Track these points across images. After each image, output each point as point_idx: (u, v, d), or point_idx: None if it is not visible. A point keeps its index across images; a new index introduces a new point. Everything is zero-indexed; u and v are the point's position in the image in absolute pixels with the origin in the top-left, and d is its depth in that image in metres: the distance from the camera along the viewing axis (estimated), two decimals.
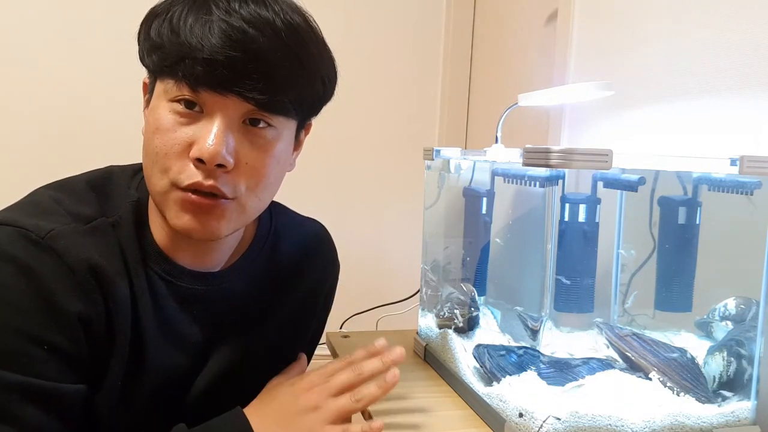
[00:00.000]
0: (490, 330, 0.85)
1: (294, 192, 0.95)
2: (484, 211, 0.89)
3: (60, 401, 0.58)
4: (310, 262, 0.82)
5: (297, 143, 0.70)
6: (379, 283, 1.86)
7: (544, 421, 0.62)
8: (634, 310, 0.82)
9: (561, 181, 0.67)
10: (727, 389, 0.69)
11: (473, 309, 0.87)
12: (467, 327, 0.87)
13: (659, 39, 0.99)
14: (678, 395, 0.67)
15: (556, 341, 0.68)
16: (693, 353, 0.70)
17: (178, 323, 0.68)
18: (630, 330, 0.75)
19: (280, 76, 0.59)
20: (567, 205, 0.70)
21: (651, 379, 0.68)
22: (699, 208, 0.75)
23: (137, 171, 0.71)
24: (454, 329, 0.87)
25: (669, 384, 0.68)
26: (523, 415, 0.64)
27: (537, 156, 0.61)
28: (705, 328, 0.76)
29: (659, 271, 0.78)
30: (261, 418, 0.65)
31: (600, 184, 0.74)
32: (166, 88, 0.60)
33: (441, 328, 0.91)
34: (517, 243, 0.78)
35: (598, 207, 0.72)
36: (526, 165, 0.63)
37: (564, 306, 0.70)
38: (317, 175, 1.88)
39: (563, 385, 0.65)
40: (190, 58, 0.57)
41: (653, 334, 0.75)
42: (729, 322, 0.73)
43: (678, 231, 0.76)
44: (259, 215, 0.71)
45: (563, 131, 1.27)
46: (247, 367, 0.74)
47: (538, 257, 0.67)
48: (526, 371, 0.68)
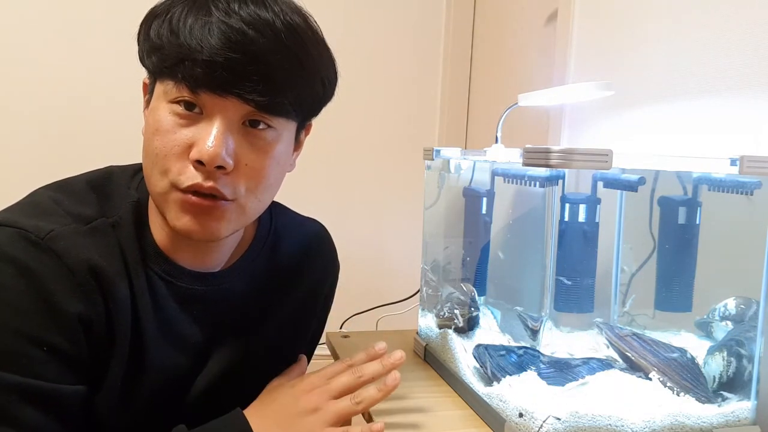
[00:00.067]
0: (490, 330, 0.85)
1: (294, 192, 0.95)
2: (484, 211, 0.89)
3: (59, 402, 0.58)
4: (310, 262, 0.82)
5: (297, 144, 0.70)
6: (379, 283, 1.86)
7: (544, 421, 0.62)
8: (634, 310, 0.82)
9: (561, 181, 0.67)
10: (727, 389, 0.69)
11: (473, 309, 0.87)
12: (467, 327, 0.87)
13: (659, 39, 0.98)
14: (678, 395, 0.67)
15: (556, 341, 0.68)
16: (693, 353, 0.70)
17: (178, 323, 0.68)
18: (630, 330, 0.75)
19: (279, 77, 0.59)
20: (567, 205, 0.70)
21: (651, 379, 0.68)
22: (699, 208, 0.75)
23: (137, 171, 0.71)
24: (454, 329, 0.87)
25: (669, 384, 0.68)
26: (523, 415, 0.64)
27: (537, 156, 0.61)
28: (705, 328, 0.76)
29: (659, 271, 0.78)
30: (261, 419, 0.65)
31: (600, 184, 0.74)
32: (165, 89, 0.60)
33: (441, 328, 0.91)
34: (517, 243, 0.78)
35: (598, 207, 0.72)
36: (526, 165, 0.63)
37: (564, 306, 0.70)
38: (317, 175, 1.88)
39: (563, 385, 0.65)
40: (189, 59, 0.57)
41: (653, 334, 0.75)
42: (729, 322, 0.73)
43: (678, 231, 0.76)
44: (259, 215, 0.71)
45: (563, 131, 1.27)
46: (247, 368, 0.74)
47: (538, 257, 0.67)
48: (526, 371, 0.68)
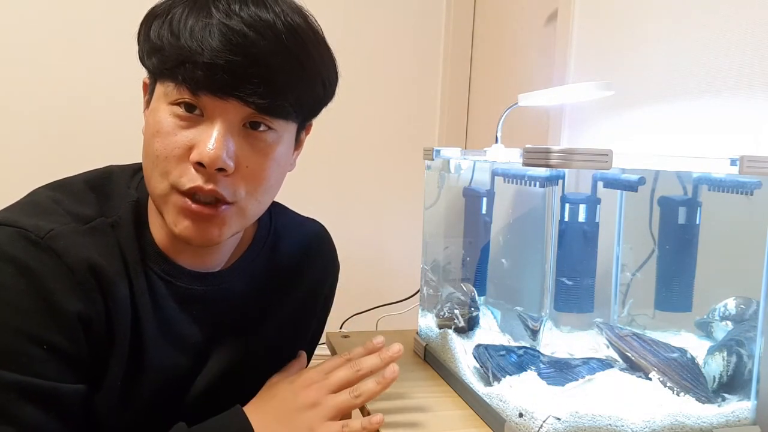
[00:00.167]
0: (490, 330, 0.85)
1: (294, 192, 0.95)
2: (484, 211, 0.89)
3: (59, 401, 0.58)
4: (310, 262, 0.82)
5: (297, 143, 0.69)
6: (379, 283, 1.86)
7: (544, 421, 0.62)
8: (633, 310, 0.82)
9: (561, 181, 0.67)
10: (727, 389, 0.69)
11: (473, 309, 0.87)
12: (467, 327, 0.87)
13: (659, 39, 0.98)
14: (678, 395, 0.67)
15: (556, 341, 0.68)
16: (693, 353, 0.70)
17: (177, 323, 0.68)
18: (630, 330, 0.75)
19: (280, 79, 0.59)
20: (567, 205, 0.70)
21: (651, 379, 0.68)
22: (699, 208, 0.75)
23: (137, 171, 0.71)
24: (454, 329, 0.87)
25: (669, 384, 0.68)
26: (523, 415, 0.64)
27: (537, 156, 0.61)
28: (705, 328, 0.76)
29: (659, 271, 0.78)
30: (261, 415, 0.65)
31: (600, 184, 0.74)
32: (166, 90, 0.59)
33: (441, 328, 0.91)
34: (517, 243, 0.78)
35: (598, 207, 0.72)
36: (526, 165, 0.63)
37: (564, 306, 0.70)
38: (317, 175, 1.88)
39: (563, 385, 0.65)
40: (190, 61, 0.56)
41: (653, 334, 0.75)
42: (729, 322, 0.73)
43: (678, 231, 0.76)
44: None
45: (563, 131, 1.27)
46: (247, 368, 0.74)
47: (538, 257, 0.67)
48: (526, 371, 0.68)
